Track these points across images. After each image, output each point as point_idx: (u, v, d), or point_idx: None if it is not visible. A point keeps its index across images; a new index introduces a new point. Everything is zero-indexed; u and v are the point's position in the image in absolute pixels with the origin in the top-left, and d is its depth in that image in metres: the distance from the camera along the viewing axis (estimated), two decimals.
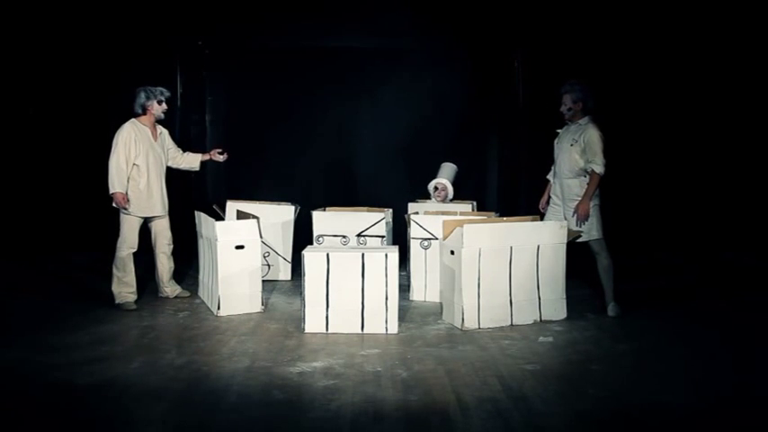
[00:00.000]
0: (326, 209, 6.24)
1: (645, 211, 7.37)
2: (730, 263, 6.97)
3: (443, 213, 5.83)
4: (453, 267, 4.84)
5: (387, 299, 4.65)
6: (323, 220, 6.10)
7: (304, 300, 4.68)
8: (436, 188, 6.57)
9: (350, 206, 6.37)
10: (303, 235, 6.27)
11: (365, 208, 6.26)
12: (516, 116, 7.50)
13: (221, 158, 5.75)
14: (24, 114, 7.16)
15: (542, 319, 4.94)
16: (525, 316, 4.90)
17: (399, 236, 6.28)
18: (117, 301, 5.23)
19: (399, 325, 4.71)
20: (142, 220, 5.33)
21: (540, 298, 4.95)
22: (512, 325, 4.82)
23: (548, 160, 5.37)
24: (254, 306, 5.21)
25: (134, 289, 5.31)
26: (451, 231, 4.83)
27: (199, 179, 6.48)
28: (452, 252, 4.85)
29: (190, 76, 7.51)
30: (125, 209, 5.20)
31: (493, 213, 6.02)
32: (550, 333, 4.65)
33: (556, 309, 5.00)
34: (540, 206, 5.39)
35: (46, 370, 3.81)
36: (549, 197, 5.35)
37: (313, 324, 4.67)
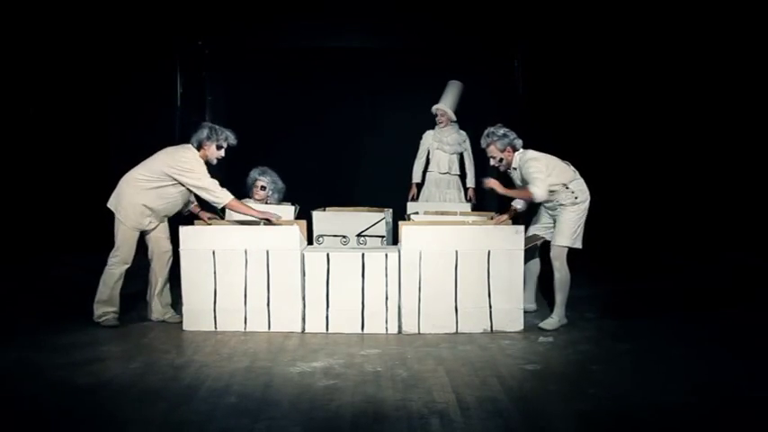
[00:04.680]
0: (326, 209, 6.23)
1: (645, 211, 7.37)
2: (731, 263, 6.96)
3: (443, 213, 5.82)
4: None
5: (387, 299, 4.65)
6: (323, 220, 6.08)
7: (304, 300, 4.68)
8: (436, 114, 6.79)
9: (350, 206, 6.36)
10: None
11: (365, 208, 6.24)
12: (516, 115, 7.49)
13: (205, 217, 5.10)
14: (24, 114, 7.15)
15: (494, 329, 4.65)
16: (473, 324, 4.65)
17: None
18: (96, 319, 4.72)
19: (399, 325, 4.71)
20: (138, 233, 4.81)
21: (491, 306, 4.67)
22: (457, 332, 4.64)
23: None
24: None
25: (117, 308, 4.79)
26: None
27: None
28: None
29: (190, 76, 7.50)
30: (271, 220, 4.78)
31: (493, 213, 6.01)
32: (550, 333, 4.65)
33: (510, 319, 4.66)
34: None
35: (46, 370, 3.82)
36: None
37: (313, 324, 4.67)
